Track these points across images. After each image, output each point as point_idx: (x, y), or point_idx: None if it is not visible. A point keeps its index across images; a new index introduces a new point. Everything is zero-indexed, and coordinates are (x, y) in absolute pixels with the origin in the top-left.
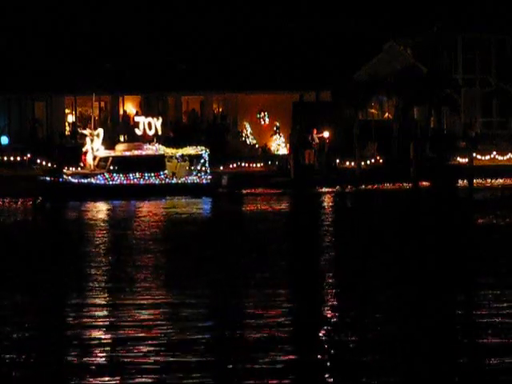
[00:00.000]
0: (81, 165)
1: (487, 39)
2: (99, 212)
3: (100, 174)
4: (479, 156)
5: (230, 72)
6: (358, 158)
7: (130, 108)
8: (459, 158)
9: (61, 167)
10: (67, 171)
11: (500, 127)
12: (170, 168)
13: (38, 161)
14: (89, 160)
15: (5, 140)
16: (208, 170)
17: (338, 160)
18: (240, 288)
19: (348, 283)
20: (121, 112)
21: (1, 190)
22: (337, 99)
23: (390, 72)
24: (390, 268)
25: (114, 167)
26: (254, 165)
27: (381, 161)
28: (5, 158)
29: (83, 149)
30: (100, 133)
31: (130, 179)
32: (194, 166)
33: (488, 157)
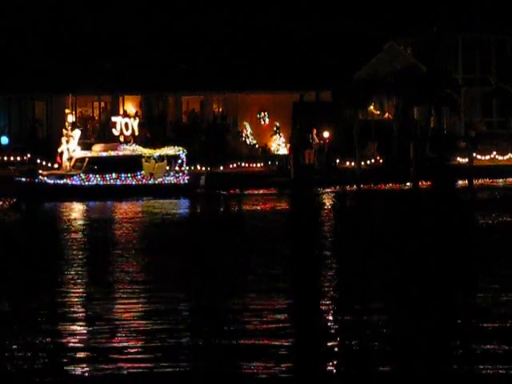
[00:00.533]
0: (56, 166)
1: (487, 39)
2: (74, 213)
3: (76, 175)
4: (479, 156)
5: (230, 72)
6: (358, 158)
7: (130, 108)
8: (459, 158)
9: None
10: (43, 172)
11: (500, 127)
12: (148, 168)
13: (38, 161)
14: (65, 161)
15: (5, 140)
16: (186, 171)
17: (338, 160)
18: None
19: (348, 283)
20: (121, 112)
21: None
22: (337, 99)
23: (390, 72)
24: (390, 268)
25: (91, 168)
26: (254, 165)
27: (381, 161)
28: (5, 158)
29: (59, 149)
30: (76, 133)
31: (107, 180)
32: (172, 167)
33: (488, 157)
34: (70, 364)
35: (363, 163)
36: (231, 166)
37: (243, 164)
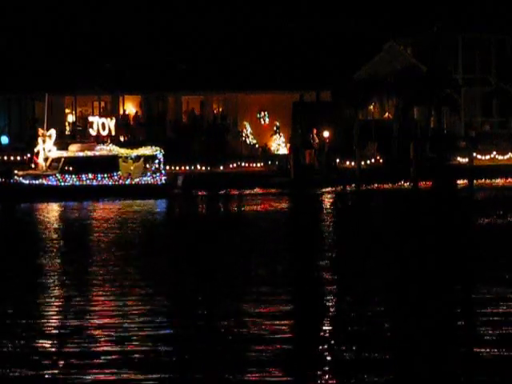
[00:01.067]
0: (32, 166)
1: (487, 39)
2: (49, 214)
3: (52, 175)
4: (479, 156)
5: (230, 72)
6: (358, 158)
7: (130, 108)
8: (459, 158)
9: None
10: (18, 172)
11: (500, 127)
12: (125, 169)
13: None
14: (40, 161)
15: (5, 140)
16: (163, 171)
17: (338, 160)
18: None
19: (348, 283)
20: (121, 112)
21: None
22: (337, 99)
23: (390, 72)
24: (390, 268)
25: (67, 168)
26: (254, 165)
27: (381, 161)
28: (5, 158)
29: (35, 149)
30: (52, 133)
31: (83, 180)
32: (149, 167)
33: (488, 157)
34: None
35: (363, 163)
36: (231, 166)
37: (243, 164)
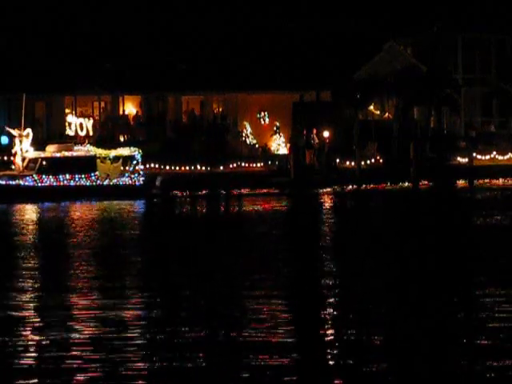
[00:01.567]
0: (12, 167)
1: (487, 39)
2: (26, 215)
3: (29, 176)
4: (479, 156)
5: (230, 72)
6: (358, 158)
7: (130, 108)
8: (459, 158)
9: None
10: None
11: (500, 127)
12: (103, 169)
13: None
14: (18, 161)
15: (5, 140)
16: (141, 172)
17: (338, 160)
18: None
19: (347, 283)
20: (121, 112)
21: None
22: (337, 99)
23: (390, 72)
24: (390, 268)
25: (44, 168)
26: (254, 165)
27: (381, 161)
28: (5, 158)
29: (12, 150)
30: (29, 133)
31: (60, 181)
32: (127, 168)
33: (488, 157)
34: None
35: (363, 163)
36: (231, 166)
37: (243, 164)
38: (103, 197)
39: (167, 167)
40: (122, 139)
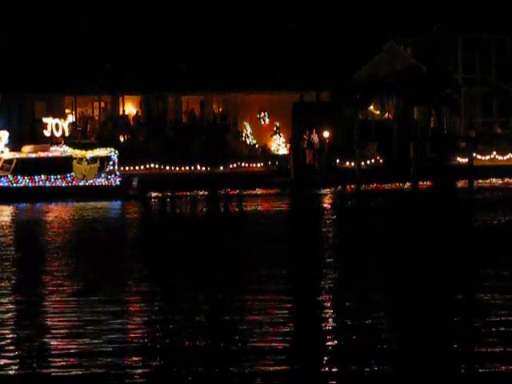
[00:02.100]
0: None
1: (487, 39)
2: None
3: (4, 177)
4: (479, 156)
5: (230, 72)
6: (358, 158)
7: (130, 108)
8: (459, 158)
9: None
10: None
11: (500, 127)
12: (80, 170)
13: None
14: None
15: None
16: (117, 172)
17: (338, 160)
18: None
19: (347, 283)
20: (121, 112)
21: None
22: (337, 99)
23: (390, 72)
24: (390, 268)
25: (19, 169)
26: (254, 165)
27: (381, 161)
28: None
29: None
30: (4, 135)
31: (35, 182)
32: (104, 168)
33: (488, 157)
34: None
35: (363, 163)
36: (231, 166)
37: (243, 164)
38: (79, 198)
39: (167, 167)
40: (122, 139)
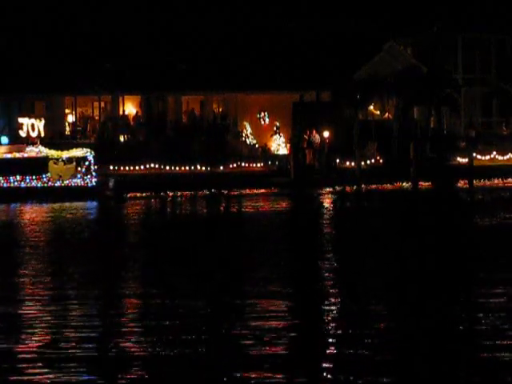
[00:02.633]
0: None
1: (487, 39)
2: None
3: None
4: (479, 156)
5: (230, 72)
6: (358, 158)
7: (130, 108)
8: (459, 158)
9: None
10: None
11: (501, 127)
12: (56, 171)
13: None
14: None
15: (5, 140)
16: (94, 173)
17: (338, 160)
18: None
19: (347, 283)
20: (121, 112)
21: None
22: (337, 99)
23: (390, 72)
24: (390, 268)
25: None
26: (254, 165)
27: (381, 161)
28: None
29: None
30: None
31: (11, 182)
32: (80, 169)
33: (488, 157)
34: None
35: (363, 163)
36: (231, 166)
37: (243, 164)
38: (55, 198)
39: (167, 167)
40: (122, 139)
